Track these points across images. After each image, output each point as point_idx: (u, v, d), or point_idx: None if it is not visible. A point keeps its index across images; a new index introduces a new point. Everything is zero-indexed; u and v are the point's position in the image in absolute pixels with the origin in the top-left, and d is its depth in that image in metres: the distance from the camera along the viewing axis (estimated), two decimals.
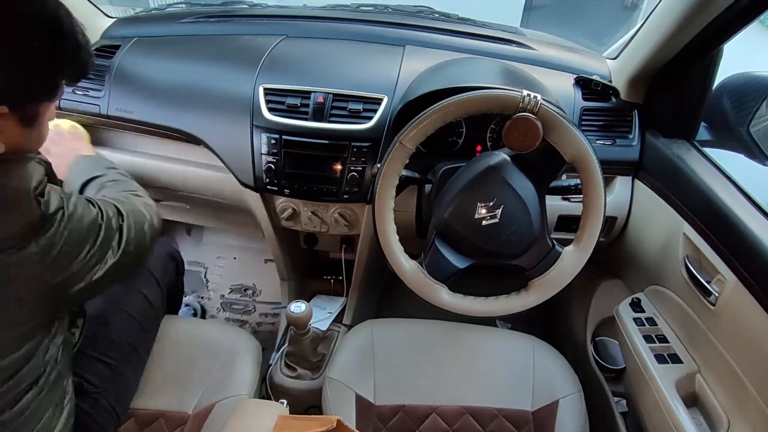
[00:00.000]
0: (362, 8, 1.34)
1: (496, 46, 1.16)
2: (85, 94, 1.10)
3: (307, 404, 1.08)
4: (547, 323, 1.54)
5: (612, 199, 1.04)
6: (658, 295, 0.98)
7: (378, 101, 0.98)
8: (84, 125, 1.10)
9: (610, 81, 1.06)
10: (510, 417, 0.87)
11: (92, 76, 1.11)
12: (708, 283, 0.80)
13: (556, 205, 1.04)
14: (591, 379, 1.10)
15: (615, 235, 1.11)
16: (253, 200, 1.09)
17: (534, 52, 1.15)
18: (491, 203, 0.77)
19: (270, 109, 0.99)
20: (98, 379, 0.78)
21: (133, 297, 0.88)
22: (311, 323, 1.04)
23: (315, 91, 0.99)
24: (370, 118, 0.98)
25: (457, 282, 0.82)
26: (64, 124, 1.05)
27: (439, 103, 0.74)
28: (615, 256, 1.17)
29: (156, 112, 1.07)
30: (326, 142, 0.98)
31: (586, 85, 1.05)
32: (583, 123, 1.02)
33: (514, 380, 0.92)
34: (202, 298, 1.68)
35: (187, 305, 1.62)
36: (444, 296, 0.81)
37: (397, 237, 0.81)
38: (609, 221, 1.07)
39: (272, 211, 1.12)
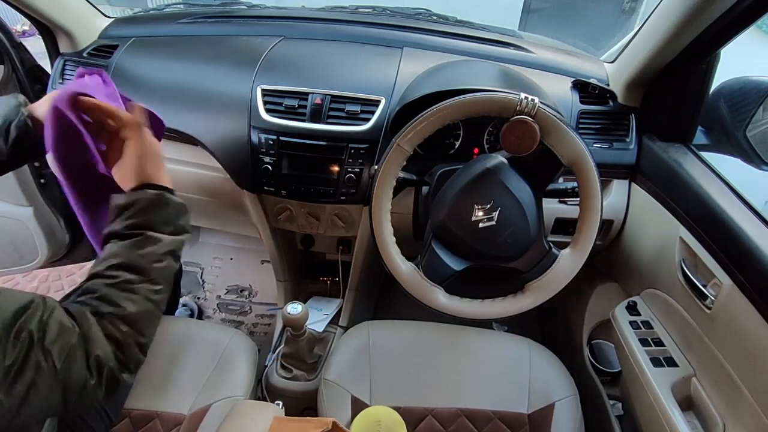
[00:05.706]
0: (360, 10, 1.34)
1: (494, 49, 1.16)
2: None
3: (303, 406, 1.08)
4: (544, 326, 1.54)
5: (609, 202, 1.04)
6: (654, 298, 0.98)
7: (376, 103, 0.98)
8: None
9: (608, 84, 1.06)
10: (506, 419, 0.87)
11: None
12: (704, 286, 0.80)
13: (552, 207, 1.04)
14: (587, 382, 1.10)
15: (611, 239, 1.11)
16: (250, 201, 1.09)
17: (532, 55, 1.15)
18: (488, 206, 0.77)
19: (267, 110, 0.99)
20: None
21: None
22: (307, 324, 1.03)
23: (313, 93, 0.99)
24: (368, 119, 0.98)
25: (453, 284, 0.82)
26: None
27: (436, 105, 0.74)
28: (611, 260, 1.18)
29: None
30: (323, 143, 0.98)
31: (583, 88, 1.05)
32: (581, 126, 1.02)
33: (510, 383, 0.91)
34: (199, 298, 1.67)
35: (184, 305, 1.62)
36: (440, 298, 0.81)
37: (394, 239, 0.81)
38: (605, 224, 1.07)
39: (269, 212, 1.12)
